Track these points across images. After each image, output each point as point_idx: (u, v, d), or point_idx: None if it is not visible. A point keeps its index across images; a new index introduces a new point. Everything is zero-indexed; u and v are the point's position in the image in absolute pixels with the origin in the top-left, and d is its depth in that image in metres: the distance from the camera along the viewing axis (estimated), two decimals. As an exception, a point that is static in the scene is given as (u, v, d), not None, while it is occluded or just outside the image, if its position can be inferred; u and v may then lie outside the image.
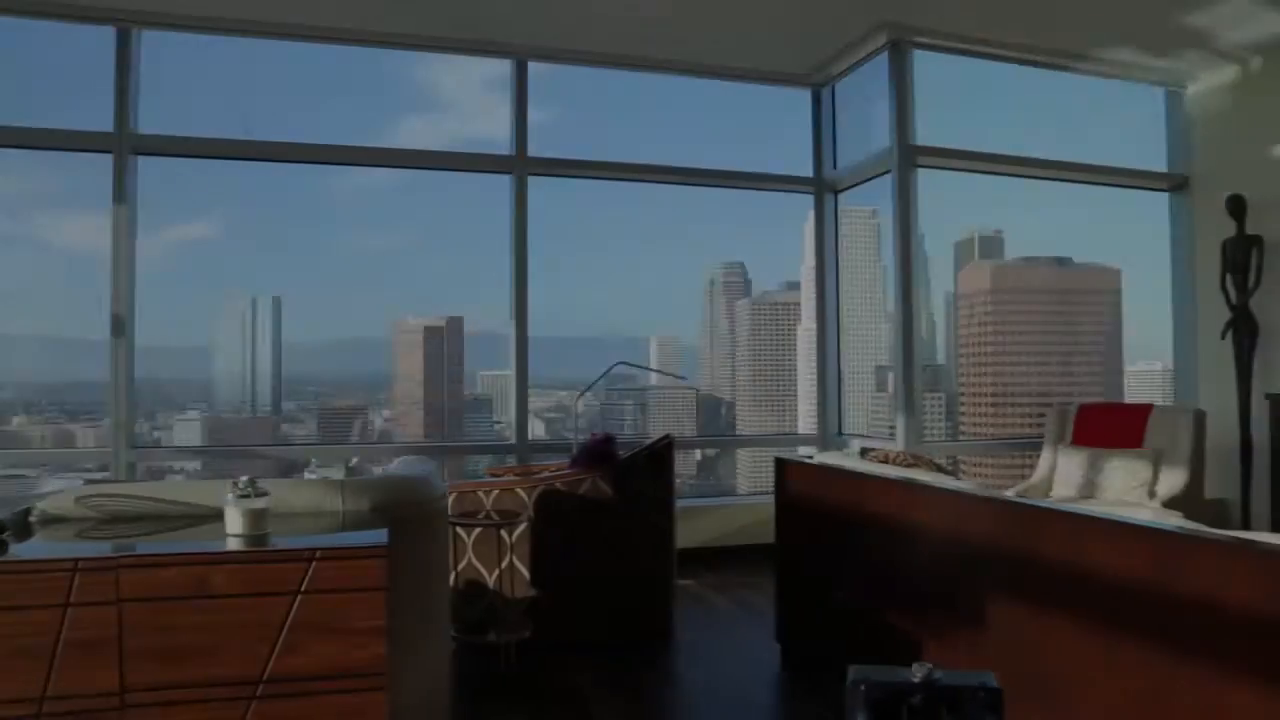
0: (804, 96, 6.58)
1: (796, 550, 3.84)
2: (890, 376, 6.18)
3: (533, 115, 5.92)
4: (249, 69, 6.01)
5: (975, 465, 6.57)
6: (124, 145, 5.29)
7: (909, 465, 3.50)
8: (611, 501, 3.97)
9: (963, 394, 6.71)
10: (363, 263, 6.40)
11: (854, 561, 3.42)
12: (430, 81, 6.41)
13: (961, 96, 6.42)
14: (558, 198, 6.18)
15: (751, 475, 6.83)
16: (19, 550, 1.99)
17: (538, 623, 3.88)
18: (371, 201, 6.43)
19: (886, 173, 5.82)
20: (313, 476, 5.45)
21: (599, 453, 4.04)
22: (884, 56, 5.71)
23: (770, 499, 4.00)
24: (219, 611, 1.91)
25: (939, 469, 3.62)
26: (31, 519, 2.23)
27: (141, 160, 5.43)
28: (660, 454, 4.12)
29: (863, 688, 1.62)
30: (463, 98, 6.51)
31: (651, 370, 6.44)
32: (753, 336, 6.90)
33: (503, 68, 5.99)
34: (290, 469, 6.05)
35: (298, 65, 6.04)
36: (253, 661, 1.93)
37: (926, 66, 5.80)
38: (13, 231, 5.97)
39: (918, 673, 1.61)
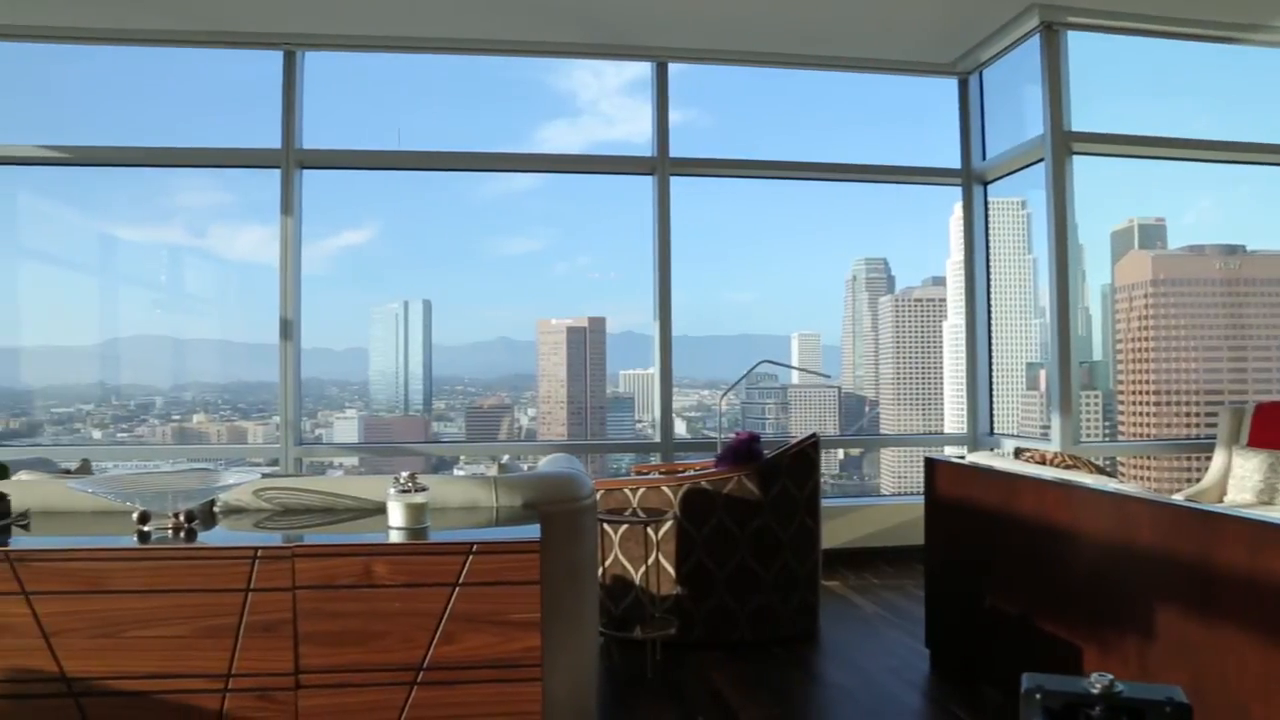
0: (950, 86, 6.37)
1: (947, 553, 3.73)
2: (1041, 374, 5.92)
3: (673, 116, 5.96)
4: (400, 83, 6.30)
5: (1136, 468, 6.20)
6: (290, 160, 5.65)
7: (1067, 467, 3.34)
8: (757, 501, 3.95)
9: (1121, 392, 6.33)
10: (507, 265, 6.60)
11: (1007, 565, 3.29)
12: (569, 87, 6.55)
13: (1118, 78, 6.07)
14: (698, 197, 6.20)
15: (896, 475, 6.66)
16: (205, 538, 2.15)
17: (683, 620, 3.91)
18: (515, 206, 6.62)
19: (1039, 161, 5.57)
20: (460, 473, 5.65)
21: (744, 451, 4.02)
22: (1035, 40, 5.47)
23: (915, 500, 3.90)
24: (382, 600, 2.01)
25: (1099, 471, 3.44)
26: (215, 509, 2.40)
27: (306, 174, 5.79)
28: (806, 453, 4.07)
29: (1039, 696, 1.56)
30: (602, 101, 6.61)
31: (795, 368, 6.37)
32: (896, 333, 6.73)
33: (642, 70, 6.06)
34: (440, 466, 6.29)
35: (444, 77, 6.28)
36: (414, 649, 2.02)
37: (1080, 47, 5.51)
38: (193, 245, 6.48)
39: (1097, 683, 1.53)
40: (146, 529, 2.16)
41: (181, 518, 2.18)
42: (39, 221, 6.33)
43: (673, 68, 5.98)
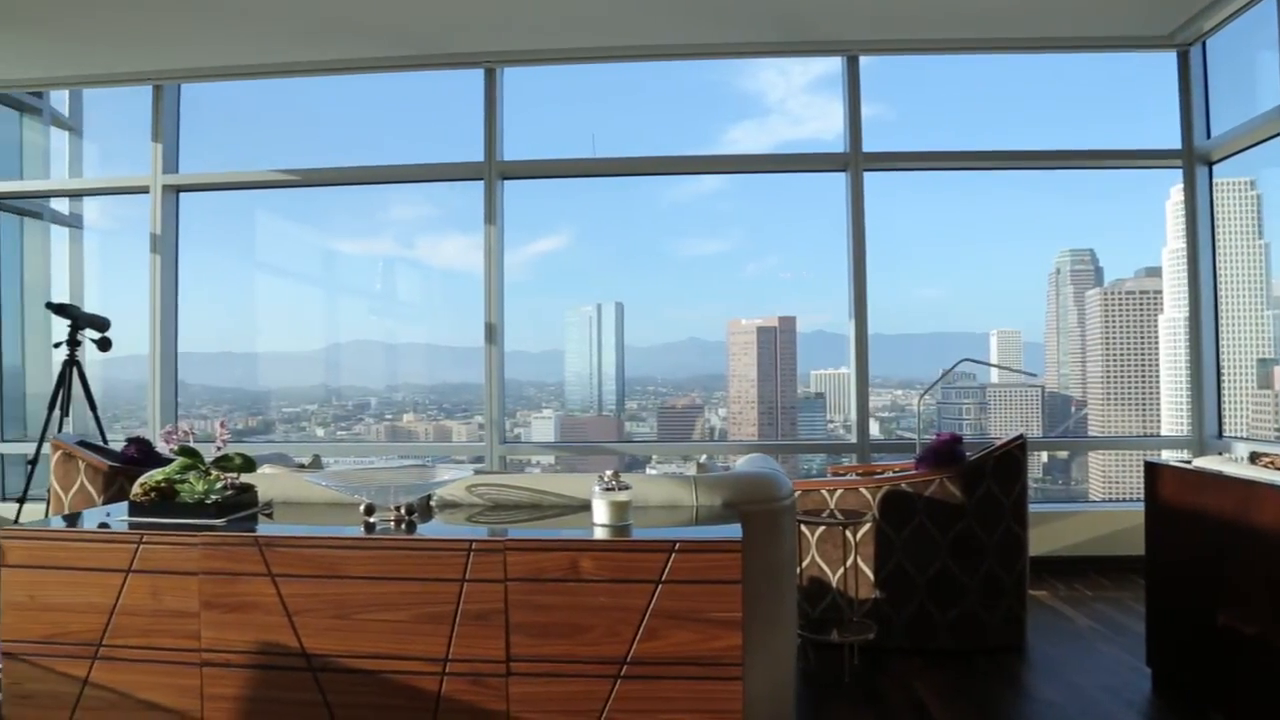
0: (1163, 60, 5.88)
1: (1172, 565, 3.45)
2: (1275, 371, 5.37)
3: (865, 110, 5.82)
4: (592, 91, 6.48)
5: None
6: (492, 172, 5.95)
7: (1317, 473, 3.01)
8: (959, 504, 3.80)
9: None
10: (697, 267, 6.65)
11: (1244, 581, 3.01)
12: (756, 88, 6.52)
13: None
14: (886, 192, 6.03)
15: (1106, 480, 6.21)
16: (424, 530, 2.29)
17: (881, 625, 3.81)
18: (704, 208, 6.66)
19: (1274, 137, 5.06)
20: (653, 472, 5.73)
21: (946, 453, 3.88)
22: (1270, 2, 4.97)
23: (1130, 507, 3.63)
24: (588, 594, 2.08)
25: (1357, 479, 3.08)
26: (432, 504, 2.55)
27: (506, 184, 6.07)
28: (1012, 455, 3.88)
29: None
30: (789, 100, 6.54)
31: (998, 367, 6.07)
32: (1105, 329, 6.27)
33: (831, 66, 5.96)
34: (632, 465, 6.41)
35: (634, 84, 6.41)
36: (618, 643, 2.07)
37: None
38: (403, 255, 6.94)
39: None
40: (372, 520, 2.32)
41: (402, 510, 2.33)
42: (273, 238, 6.98)
43: (865, 61, 5.85)
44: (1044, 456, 6.44)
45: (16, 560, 2.34)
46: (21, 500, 5.19)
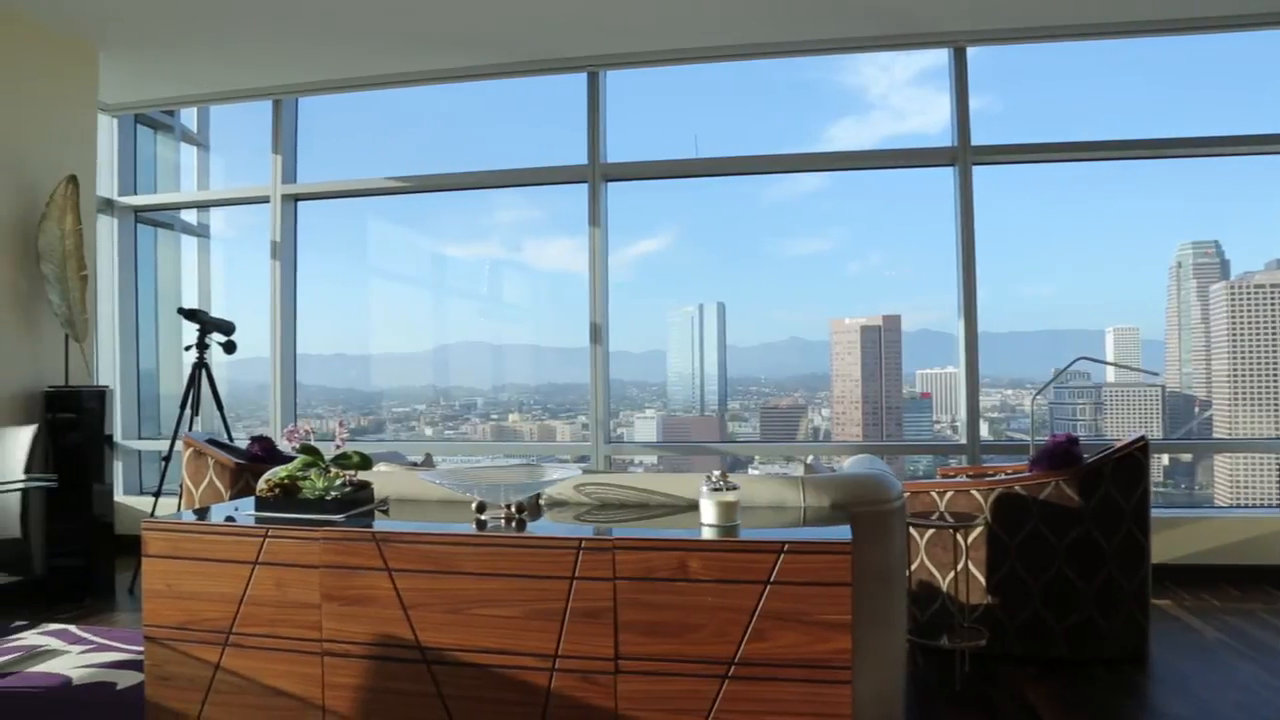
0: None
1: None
2: None
3: (972, 102, 5.67)
4: (694, 92, 6.49)
5: None
6: (596, 174, 6.03)
7: None
8: (1077, 508, 3.66)
9: None
10: (799, 266, 6.59)
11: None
12: (858, 83, 6.42)
13: None
14: (993, 186, 5.85)
15: (1235, 485, 5.88)
16: (534, 528, 2.33)
17: (993, 631, 3.70)
18: (805, 206, 6.59)
19: None
20: (756, 473, 5.70)
21: (1062, 455, 3.74)
22: None
23: (1264, 514, 3.43)
24: (696, 594, 2.08)
25: None
26: (541, 502, 2.60)
27: (610, 186, 6.15)
28: (1134, 457, 3.72)
29: None
30: (892, 95, 6.42)
31: (1116, 365, 5.83)
32: (1232, 325, 5.94)
33: (935, 59, 5.83)
34: (734, 465, 6.39)
35: (735, 82, 6.38)
36: (726, 643, 2.07)
37: None
38: (509, 258, 7.09)
39: None
40: (484, 518, 2.38)
41: (513, 508, 2.38)
42: (384, 243, 7.23)
43: (972, 52, 5.69)
44: (1164, 459, 6.14)
45: (156, 550, 2.48)
46: (157, 494, 5.49)
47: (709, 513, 2.20)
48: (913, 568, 3.83)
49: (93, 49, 5.74)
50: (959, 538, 3.71)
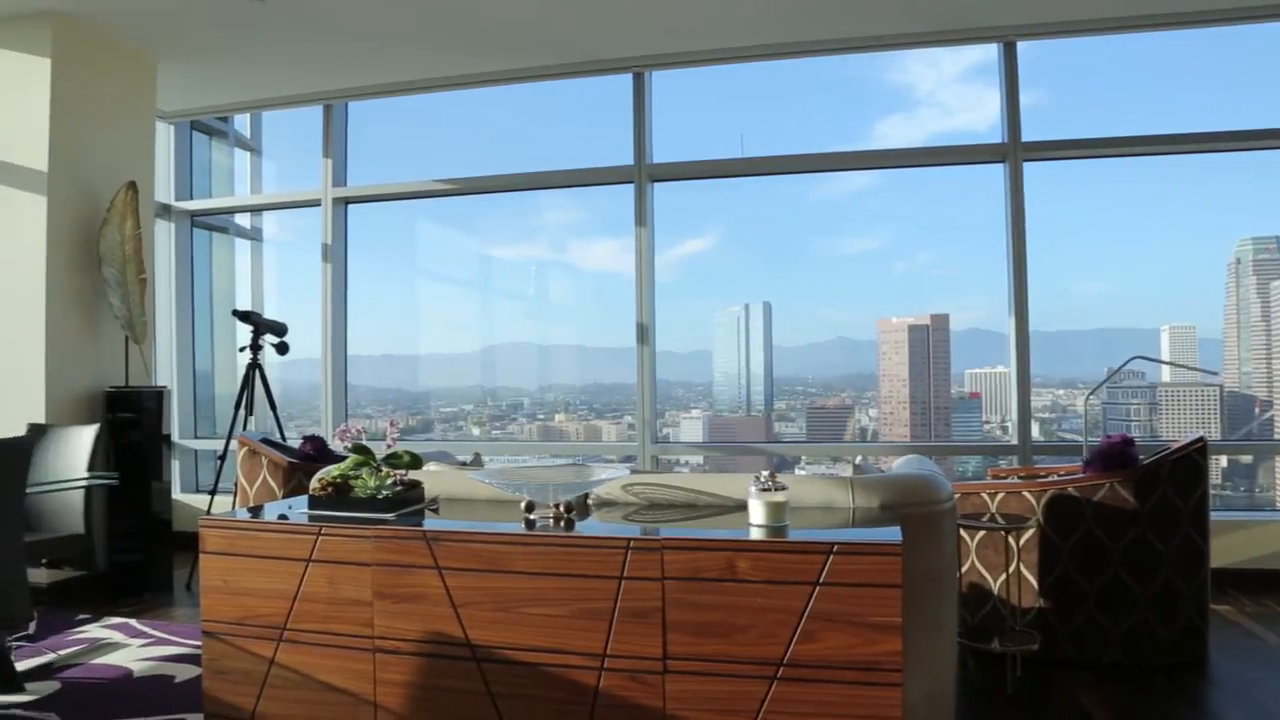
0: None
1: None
2: None
3: (1023, 98, 5.58)
4: (739, 90, 6.47)
5: None
6: (642, 175, 6.04)
7: None
8: (1132, 510, 3.59)
9: None
10: (845, 265, 6.54)
11: None
12: (905, 80, 6.36)
13: None
14: (1044, 183, 5.74)
15: (1296, 487, 5.73)
16: (582, 528, 2.35)
17: (1046, 636, 3.64)
18: (852, 205, 6.54)
19: None
20: (802, 473, 5.67)
21: (1117, 456, 3.66)
22: None
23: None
24: (745, 595, 2.07)
25: None
26: (589, 502, 2.61)
27: (656, 186, 6.16)
28: (1192, 459, 3.63)
29: None
30: (940, 91, 6.34)
31: (1173, 364, 5.70)
32: (1295, 323, 5.79)
33: (984, 54, 5.75)
34: (781, 466, 6.36)
35: (780, 82, 6.35)
36: (774, 644, 2.06)
37: None
38: (555, 259, 7.13)
39: None
40: (533, 517, 2.40)
41: (561, 508, 2.39)
42: (433, 245, 7.32)
43: (1022, 47, 5.60)
44: (1223, 461, 5.98)
45: (213, 547, 2.54)
46: (212, 492, 5.61)
47: (757, 513, 2.20)
48: (963, 570, 3.78)
49: (152, 59, 5.89)
50: (1010, 540, 3.65)
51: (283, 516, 2.60)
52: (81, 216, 5.36)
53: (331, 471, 2.72)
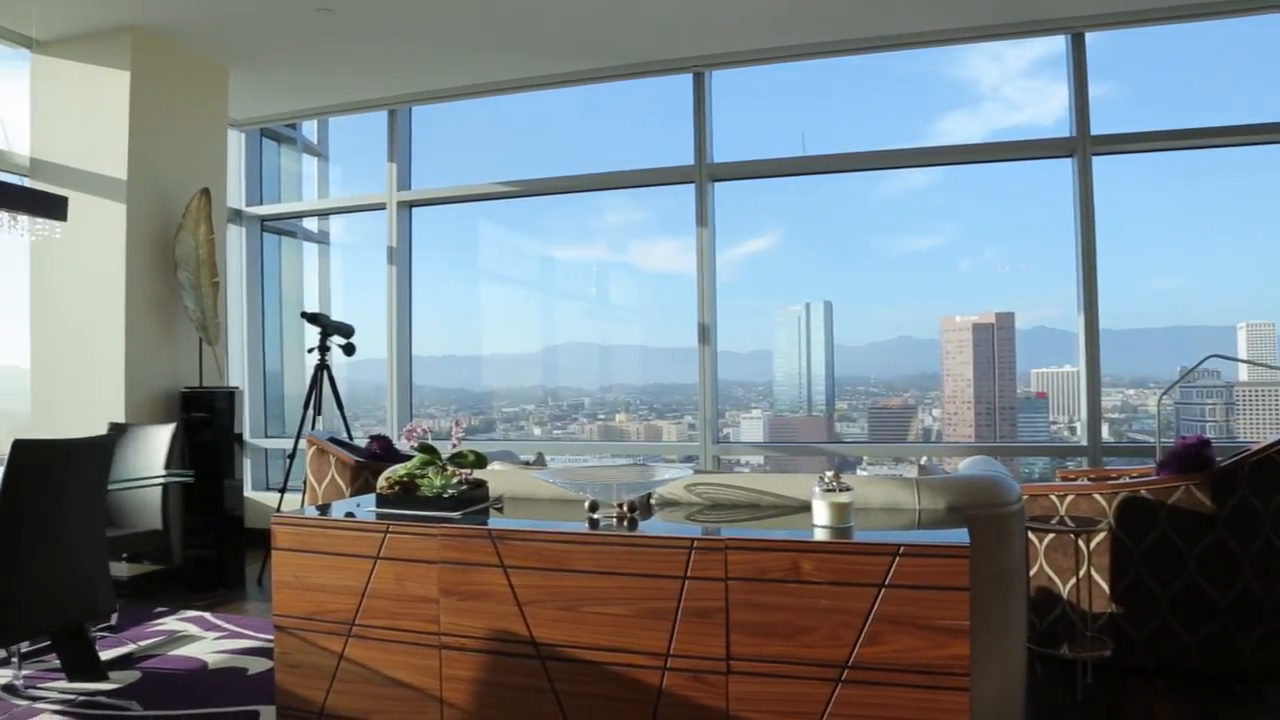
0: None
1: None
2: None
3: (1092, 90, 5.44)
4: (797, 89, 6.43)
5: None
6: (703, 175, 6.04)
7: None
8: (1209, 514, 3.48)
9: None
10: (907, 263, 6.45)
11: None
12: (967, 75, 6.24)
13: None
14: (1112, 177, 5.58)
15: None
16: (645, 527, 2.35)
17: (1118, 642, 3.55)
18: (914, 202, 6.44)
19: None
20: (864, 474, 5.61)
21: (1193, 457, 3.55)
22: None
23: None
24: (809, 596, 2.06)
25: None
26: (652, 502, 2.62)
27: (717, 186, 6.16)
28: (1273, 460, 3.51)
29: None
30: (1004, 86, 6.21)
31: (1253, 364, 5.51)
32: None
33: (1052, 46, 5.62)
34: (842, 466, 6.29)
35: (841, 79, 6.30)
36: (838, 646, 2.04)
37: None
38: (615, 260, 7.17)
39: None
40: (596, 516, 2.41)
41: (624, 508, 2.40)
42: (495, 247, 7.41)
43: (1091, 38, 5.47)
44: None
45: (285, 544, 2.60)
46: (282, 490, 5.74)
47: (822, 514, 2.18)
48: (1031, 573, 3.71)
49: (224, 69, 6.06)
50: (1081, 543, 3.57)
51: (349, 514, 2.65)
52: (158, 223, 5.54)
53: (398, 470, 2.77)
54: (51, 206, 4.15)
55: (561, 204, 6.96)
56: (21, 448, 3.21)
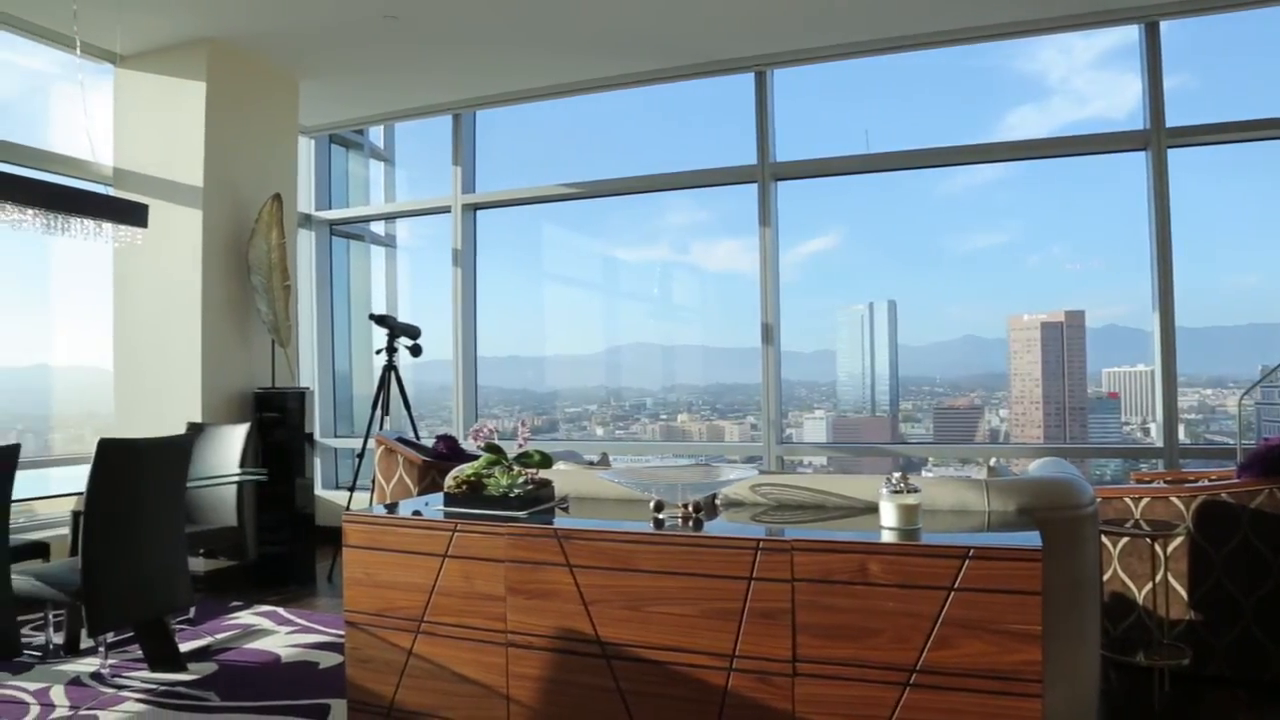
0: None
1: None
2: None
3: (1166, 81, 5.29)
4: (860, 86, 6.37)
5: None
6: (766, 174, 6.02)
7: None
8: (1295, 519, 3.37)
9: None
10: (973, 261, 6.34)
11: None
12: (1035, 69, 6.11)
13: None
14: (1194, 169, 5.41)
15: None
16: (711, 528, 2.35)
17: (1197, 650, 3.45)
18: (980, 199, 6.33)
19: None
20: (929, 475, 5.53)
21: (1277, 459, 3.44)
22: None
23: None
24: (876, 598, 2.04)
25: None
26: (716, 502, 2.62)
27: (779, 185, 6.13)
28: (1361, 465, 3.38)
29: None
30: (1073, 78, 6.07)
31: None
32: None
33: (1124, 36, 5.47)
34: (907, 467, 6.21)
35: (904, 75, 6.21)
36: (906, 650, 2.02)
37: None
38: (678, 260, 7.18)
39: None
40: (661, 516, 2.42)
41: (690, 508, 2.41)
42: (558, 248, 7.48)
43: (1166, 27, 5.31)
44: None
45: (356, 541, 2.66)
46: (351, 489, 5.87)
47: (889, 515, 2.16)
48: (1105, 578, 3.62)
49: (294, 78, 6.22)
50: (1157, 548, 3.48)
51: (418, 513, 2.70)
52: (232, 228, 5.70)
53: (466, 470, 2.81)
54: (133, 214, 4.30)
55: (624, 205, 6.99)
56: (107, 447, 3.33)
